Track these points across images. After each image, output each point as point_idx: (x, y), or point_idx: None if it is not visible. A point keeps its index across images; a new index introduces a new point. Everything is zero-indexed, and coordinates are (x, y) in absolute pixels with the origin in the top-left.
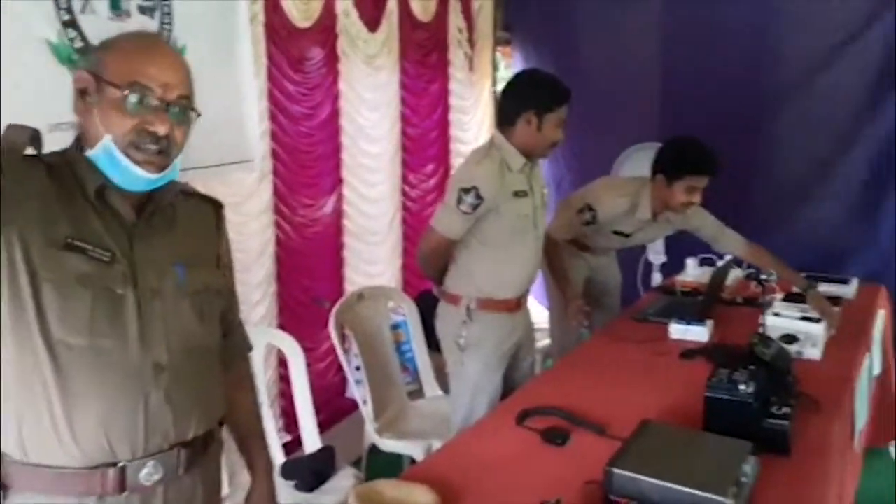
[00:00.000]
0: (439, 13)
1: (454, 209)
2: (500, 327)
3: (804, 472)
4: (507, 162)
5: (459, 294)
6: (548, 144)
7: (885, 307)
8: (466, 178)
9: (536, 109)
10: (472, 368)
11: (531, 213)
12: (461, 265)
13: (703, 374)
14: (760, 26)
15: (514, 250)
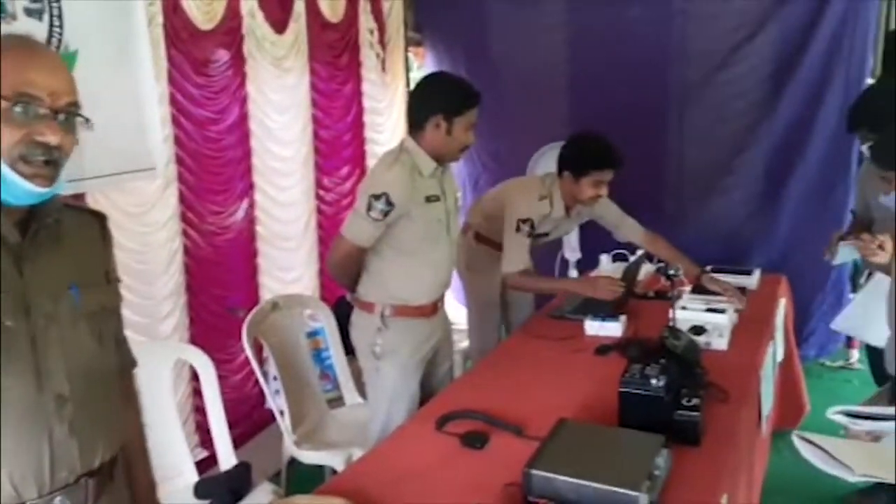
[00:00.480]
0: (349, 14)
1: (364, 216)
2: (416, 333)
3: (714, 461)
4: (417, 166)
5: (373, 301)
6: (458, 148)
7: (785, 295)
8: (377, 184)
9: (445, 113)
10: (388, 376)
11: (444, 217)
12: (374, 272)
13: (618, 369)
14: (664, 26)
15: (427, 256)
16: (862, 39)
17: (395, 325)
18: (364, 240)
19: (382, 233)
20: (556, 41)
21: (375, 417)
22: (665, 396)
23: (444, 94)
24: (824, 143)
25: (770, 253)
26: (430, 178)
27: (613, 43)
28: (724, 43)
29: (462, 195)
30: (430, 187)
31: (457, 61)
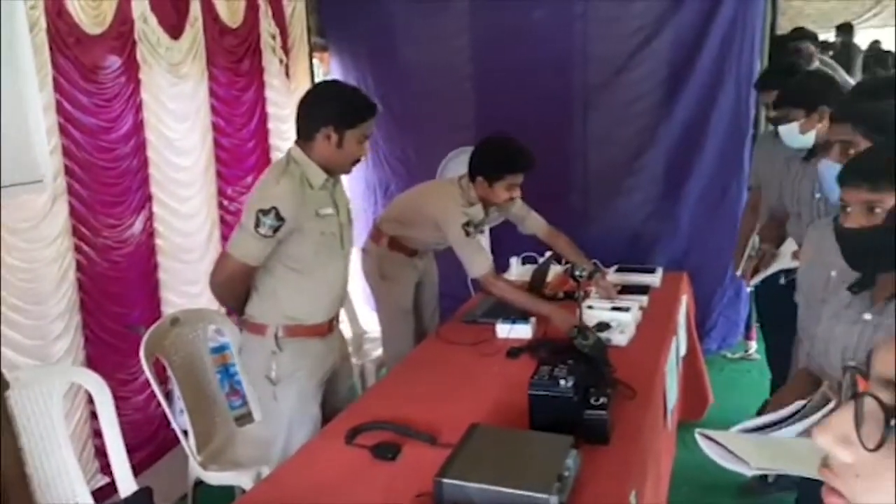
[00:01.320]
0: (249, 18)
1: (252, 233)
2: (313, 355)
3: (623, 458)
4: (307, 178)
5: (265, 323)
6: (349, 161)
7: (686, 292)
8: (265, 198)
9: (336, 125)
10: (286, 403)
11: (337, 231)
12: (265, 291)
13: (528, 371)
14: (565, 29)
15: (321, 272)
16: (749, 43)
17: (289, 347)
18: (253, 258)
19: (273, 249)
20: (461, 45)
21: (275, 445)
22: (574, 397)
23: (337, 106)
24: (718, 143)
25: (672, 251)
26: (321, 190)
27: (517, 46)
28: (622, 46)
29: (372, 202)
30: (322, 200)
31: (362, 67)
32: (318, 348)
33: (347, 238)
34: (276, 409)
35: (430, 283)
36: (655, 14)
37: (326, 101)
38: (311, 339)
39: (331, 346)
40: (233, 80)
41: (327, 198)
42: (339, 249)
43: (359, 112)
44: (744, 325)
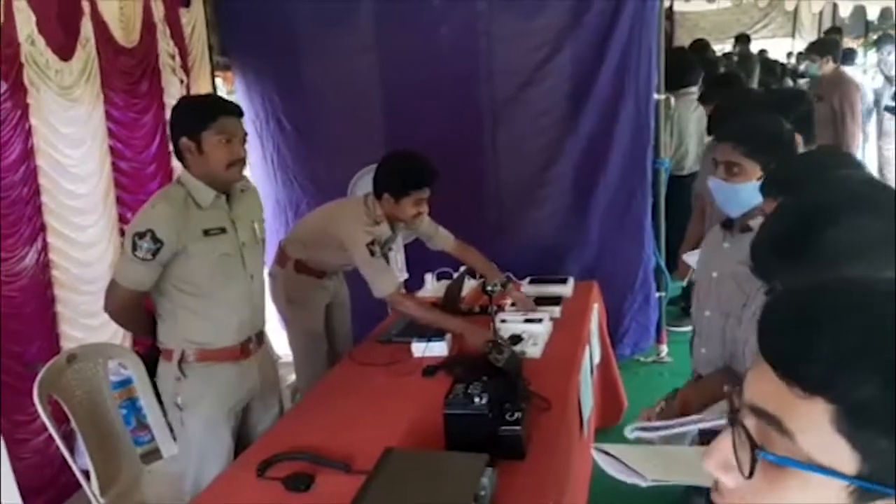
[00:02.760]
0: (145, 38)
1: (131, 258)
2: (222, 380)
3: (539, 472)
4: (194, 198)
5: (171, 347)
6: (221, 167)
7: (597, 300)
8: (140, 221)
9: (188, 133)
10: (193, 430)
11: (235, 251)
12: (165, 316)
13: (444, 389)
14: (471, 46)
15: (220, 294)
16: (647, 57)
17: (195, 372)
18: (138, 283)
19: (160, 273)
20: (368, 63)
21: (186, 475)
22: (488, 414)
23: (184, 114)
24: (621, 155)
25: (582, 260)
26: (212, 209)
27: (424, 63)
28: (526, 62)
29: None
30: (212, 219)
31: (268, 85)
32: (230, 374)
33: (251, 258)
34: (185, 436)
35: (341, 305)
36: (556, 31)
37: (176, 115)
38: (222, 364)
39: (247, 371)
40: (131, 102)
41: (221, 216)
42: (241, 270)
43: (205, 113)
44: (654, 330)
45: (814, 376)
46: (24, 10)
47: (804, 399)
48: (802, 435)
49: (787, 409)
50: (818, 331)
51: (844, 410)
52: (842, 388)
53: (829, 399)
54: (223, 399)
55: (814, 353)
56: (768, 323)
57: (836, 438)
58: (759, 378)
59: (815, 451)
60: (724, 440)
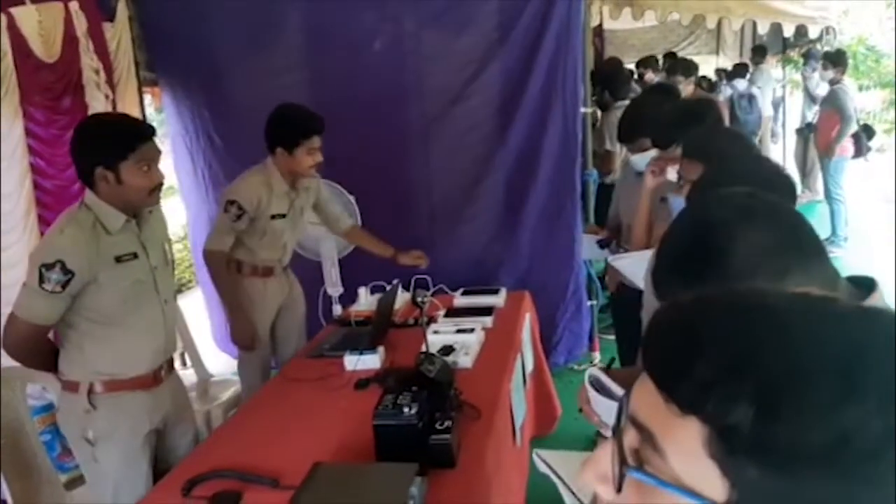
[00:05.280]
0: (66, 53)
1: (37, 290)
2: (135, 409)
3: (470, 480)
4: (102, 223)
5: (76, 380)
6: (143, 194)
7: (530, 310)
8: (47, 250)
9: (106, 163)
10: (109, 465)
11: (147, 276)
12: (70, 347)
13: (375, 402)
14: (400, 64)
15: (132, 322)
16: (573, 73)
17: (106, 403)
18: (43, 317)
19: (68, 305)
20: (297, 82)
21: None
22: (418, 423)
23: (98, 143)
24: (551, 168)
25: (515, 272)
26: (122, 233)
27: (355, 81)
28: (454, 80)
29: None
30: (123, 244)
31: (196, 101)
32: (142, 402)
33: (164, 281)
34: (99, 471)
35: (288, 308)
36: (482, 49)
37: (87, 142)
38: (133, 393)
39: (159, 397)
40: (52, 118)
41: (132, 241)
42: (154, 294)
43: (123, 142)
44: (587, 337)
45: (689, 395)
46: None
47: (680, 417)
48: (674, 455)
49: (663, 427)
50: (696, 348)
51: (716, 434)
52: (714, 410)
53: (702, 420)
54: (137, 428)
55: (690, 371)
56: (651, 334)
57: (708, 463)
58: (643, 390)
59: (684, 473)
60: (604, 450)
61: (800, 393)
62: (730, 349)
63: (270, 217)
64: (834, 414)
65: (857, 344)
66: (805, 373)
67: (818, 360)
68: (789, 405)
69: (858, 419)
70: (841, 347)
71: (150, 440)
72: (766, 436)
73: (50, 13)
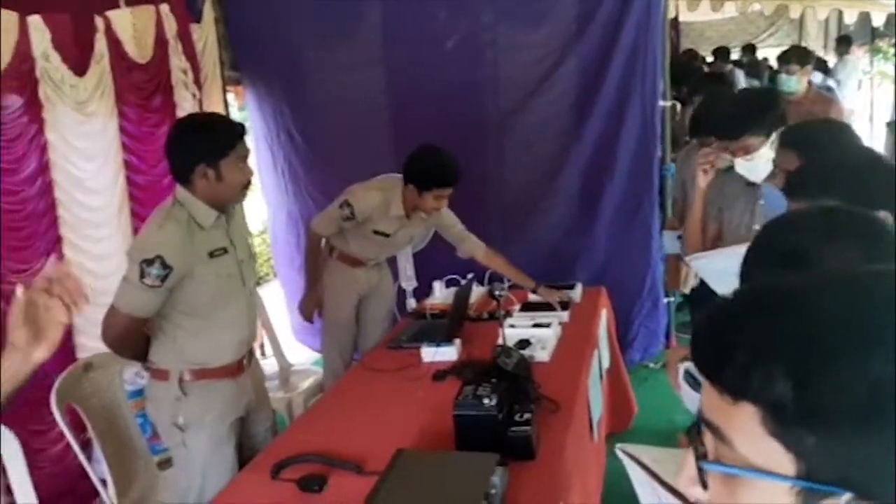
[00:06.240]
0: (158, 54)
1: (138, 284)
2: (223, 396)
3: (549, 472)
4: (196, 220)
5: (167, 368)
6: (237, 190)
7: (606, 306)
8: (147, 246)
9: (207, 161)
10: (198, 450)
11: (235, 270)
12: (163, 337)
13: (454, 393)
14: (476, 57)
15: (221, 315)
16: (652, 66)
17: (195, 391)
18: (143, 310)
19: (166, 298)
20: (375, 76)
21: (189, 493)
22: (497, 415)
23: (201, 141)
24: (628, 162)
25: (590, 267)
26: (214, 229)
27: (431, 75)
28: (531, 73)
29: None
30: (215, 240)
31: (278, 99)
32: (229, 390)
33: (249, 274)
34: (188, 457)
35: (376, 297)
36: (560, 41)
37: (188, 140)
38: (220, 381)
39: (243, 385)
40: (144, 116)
41: (222, 237)
42: (241, 287)
43: (224, 140)
44: (664, 335)
45: (734, 381)
46: (38, 26)
47: (734, 405)
48: (739, 441)
49: (724, 417)
50: (733, 337)
51: (767, 412)
52: (758, 390)
53: (752, 402)
54: (225, 415)
55: (731, 359)
56: (696, 336)
57: (769, 441)
58: (705, 390)
59: (753, 456)
60: (688, 454)
61: (826, 359)
62: (760, 333)
63: (374, 231)
64: (861, 369)
65: (869, 302)
66: (826, 340)
67: (835, 327)
68: (820, 372)
69: (885, 367)
70: (855, 309)
71: (235, 427)
72: (809, 404)
73: (142, 16)
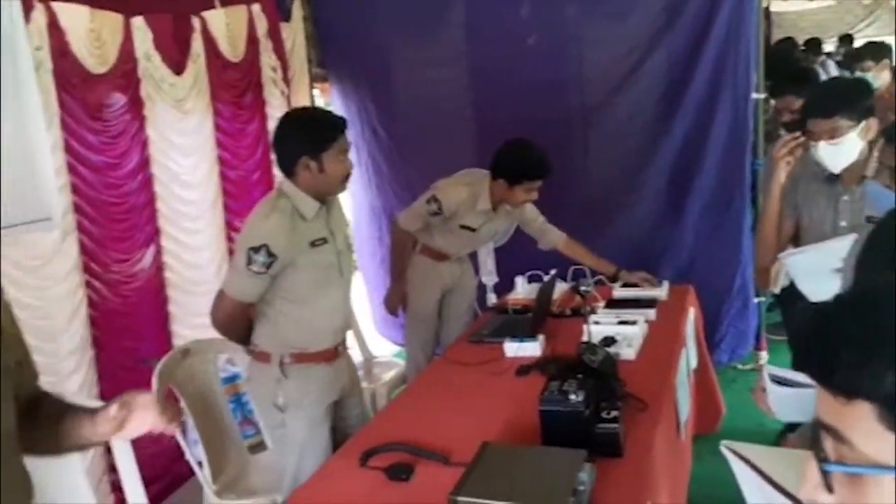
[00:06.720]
0: (250, 53)
1: (244, 271)
2: (319, 380)
3: (637, 470)
4: (299, 211)
5: (269, 351)
6: (338, 182)
7: (694, 304)
8: (254, 235)
9: (310, 153)
10: (295, 429)
11: (335, 260)
12: (265, 322)
13: (538, 388)
14: (561, 52)
15: (319, 302)
16: (745, 58)
17: (295, 373)
18: (248, 295)
19: (269, 285)
20: (459, 72)
21: (285, 473)
22: (584, 411)
23: (304, 134)
24: (718, 157)
25: (677, 264)
26: (315, 220)
27: (513, 70)
28: (618, 66)
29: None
30: (316, 230)
31: (363, 95)
32: (325, 374)
33: (346, 265)
34: (286, 436)
35: (459, 291)
36: (648, 34)
37: (293, 132)
38: (318, 366)
39: (338, 371)
40: (236, 113)
41: (322, 228)
42: (338, 277)
43: (326, 133)
44: (754, 336)
45: (845, 381)
46: (141, 27)
47: (848, 405)
48: (859, 440)
49: (840, 418)
50: (839, 337)
51: (883, 407)
52: (870, 387)
53: (866, 399)
54: (322, 397)
55: (839, 359)
56: (798, 341)
57: (889, 437)
58: (819, 395)
59: (874, 453)
60: (811, 462)
61: None
62: (868, 329)
63: (460, 226)
64: None
65: None
66: None
67: None
68: None
69: None
70: None
71: (330, 410)
72: None
73: (236, 16)
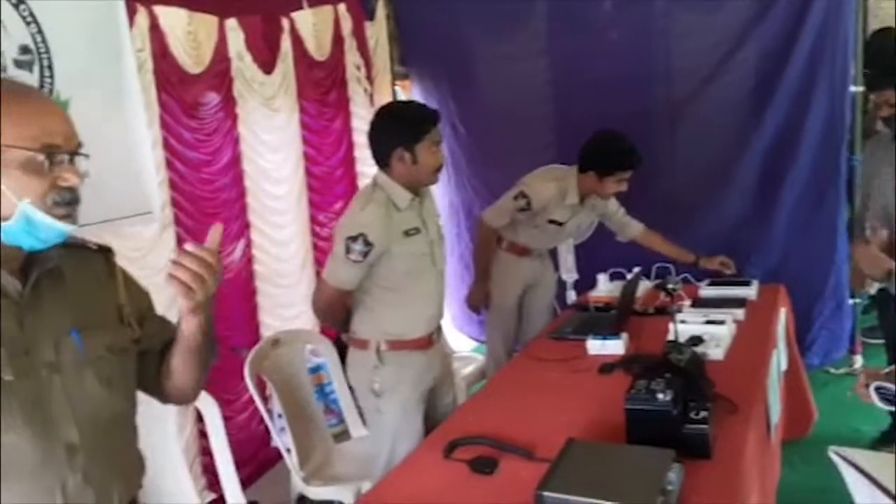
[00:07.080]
0: (335, 52)
1: (343, 259)
2: (414, 368)
3: (726, 473)
4: (393, 201)
5: (367, 338)
6: (430, 172)
7: (785, 305)
8: (352, 225)
9: (405, 145)
10: (390, 414)
11: (428, 250)
12: (363, 309)
13: (622, 386)
14: (646, 45)
15: (413, 291)
16: (843, 49)
17: (391, 360)
18: (347, 283)
19: (366, 273)
20: (540, 67)
21: (379, 457)
22: (673, 410)
23: (398, 126)
24: (813, 150)
25: (767, 262)
26: (408, 210)
27: (597, 65)
28: (706, 59)
29: (455, 223)
30: (409, 220)
31: (443, 92)
32: (420, 361)
33: (439, 254)
34: (380, 421)
35: (539, 287)
36: (740, 25)
37: (388, 125)
38: (413, 353)
39: (432, 359)
40: (321, 110)
41: (415, 218)
42: (431, 266)
43: (420, 125)
44: (848, 339)
45: None
46: (234, 29)
47: None
48: None
49: None
50: None
51: None
52: None
53: None
54: (417, 384)
55: None
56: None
57: None
58: None
59: None
60: None
61: None
62: None
63: (548, 221)
64: None
65: None
66: None
67: None
68: None
69: None
70: None
71: (424, 397)
72: None
73: (322, 15)
